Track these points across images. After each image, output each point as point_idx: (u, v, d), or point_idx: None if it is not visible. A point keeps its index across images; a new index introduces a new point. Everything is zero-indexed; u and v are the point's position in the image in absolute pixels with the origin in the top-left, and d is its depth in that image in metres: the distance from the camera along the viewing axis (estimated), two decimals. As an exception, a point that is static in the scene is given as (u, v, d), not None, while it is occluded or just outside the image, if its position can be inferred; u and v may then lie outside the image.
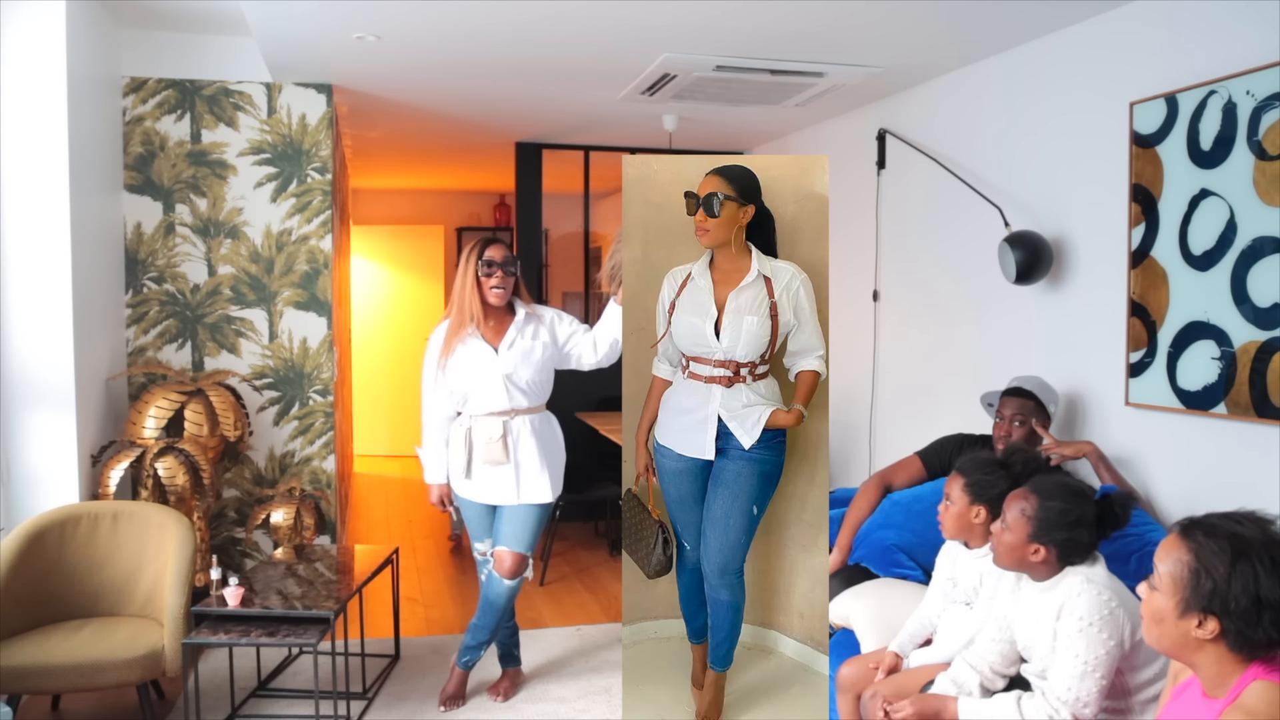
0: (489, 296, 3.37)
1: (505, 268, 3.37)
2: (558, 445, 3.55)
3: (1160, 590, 1.60)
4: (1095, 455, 3.07)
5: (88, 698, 3.50)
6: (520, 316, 3.43)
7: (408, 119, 5.39)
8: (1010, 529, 2.20)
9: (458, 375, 3.38)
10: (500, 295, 3.37)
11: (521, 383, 3.39)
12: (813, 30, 3.58)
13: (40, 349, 3.52)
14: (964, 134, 4.09)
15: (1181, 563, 1.57)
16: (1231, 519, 1.59)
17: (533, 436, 3.42)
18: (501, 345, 3.38)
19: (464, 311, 3.37)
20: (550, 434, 3.52)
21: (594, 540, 6.01)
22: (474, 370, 3.37)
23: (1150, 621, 1.63)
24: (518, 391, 3.39)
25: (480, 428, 3.38)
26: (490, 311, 3.41)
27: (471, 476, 3.43)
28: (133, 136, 4.33)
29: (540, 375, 3.43)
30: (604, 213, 8.17)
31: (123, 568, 3.33)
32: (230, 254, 4.47)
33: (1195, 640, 1.57)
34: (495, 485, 3.41)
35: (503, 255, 3.38)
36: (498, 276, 3.36)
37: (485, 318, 3.39)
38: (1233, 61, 2.81)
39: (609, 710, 3.48)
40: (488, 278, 3.36)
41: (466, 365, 3.37)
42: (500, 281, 3.36)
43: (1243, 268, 2.77)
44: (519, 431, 3.40)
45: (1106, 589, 2.10)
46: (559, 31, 3.64)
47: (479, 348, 3.37)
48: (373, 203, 9.11)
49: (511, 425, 3.39)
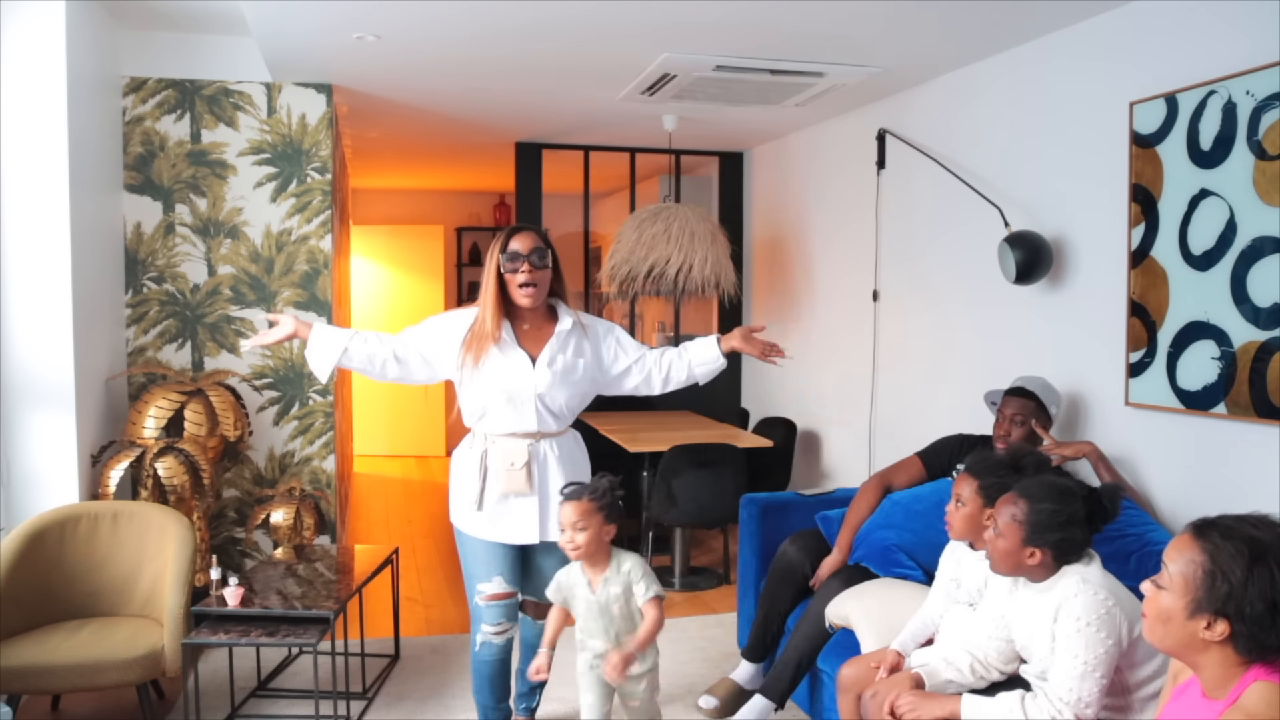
0: (518, 297, 2.80)
1: (533, 259, 2.77)
2: (586, 471, 3.03)
3: (1170, 590, 1.58)
4: (1095, 455, 3.07)
5: (88, 698, 3.50)
6: (565, 326, 2.88)
7: (408, 119, 5.39)
8: (1003, 535, 2.19)
9: (484, 386, 2.81)
10: (532, 295, 2.79)
11: (555, 406, 2.86)
12: (813, 30, 3.58)
13: (40, 349, 3.52)
14: (964, 134, 4.09)
15: (1195, 563, 1.55)
16: (1247, 522, 1.57)
17: (560, 464, 2.89)
18: (540, 359, 2.83)
19: (485, 320, 2.81)
20: (579, 459, 3.00)
21: (594, 540, 6.00)
22: (505, 382, 2.81)
23: (1155, 620, 1.61)
24: (549, 414, 2.86)
25: (500, 451, 2.83)
26: (524, 315, 2.87)
27: (484, 509, 2.85)
28: (133, 136, 4.33)
29: (578, 399, 2.93)
30: (604, 213, 8.17)
31: (123, 568, 3.33)
32: (230, 254, 4.47)
33: (1201, 641, 1.55)
34: (516, 521, 2.87)
35: (531, 244, 2.78)
36: (525, 271, 2.77)
37: (519, 321, 2.87)
38: (1233, 61, 2.81)
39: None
40: (513, 274, 2.78)
41: (498, 375, 2.80)
42: (530, 277, 2.77)
43: (1243, 268, 2.77)
44: (545, 457, 2.87)
45: (1103, 588, 2.10)
46: (559, 31, 3.64)
47: (517, 358, 2.82)
48: (373, 203, 9.11)
49: (538, 450, 2.85)
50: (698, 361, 2.97)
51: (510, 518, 2.86)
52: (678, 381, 2.98)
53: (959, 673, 2.36)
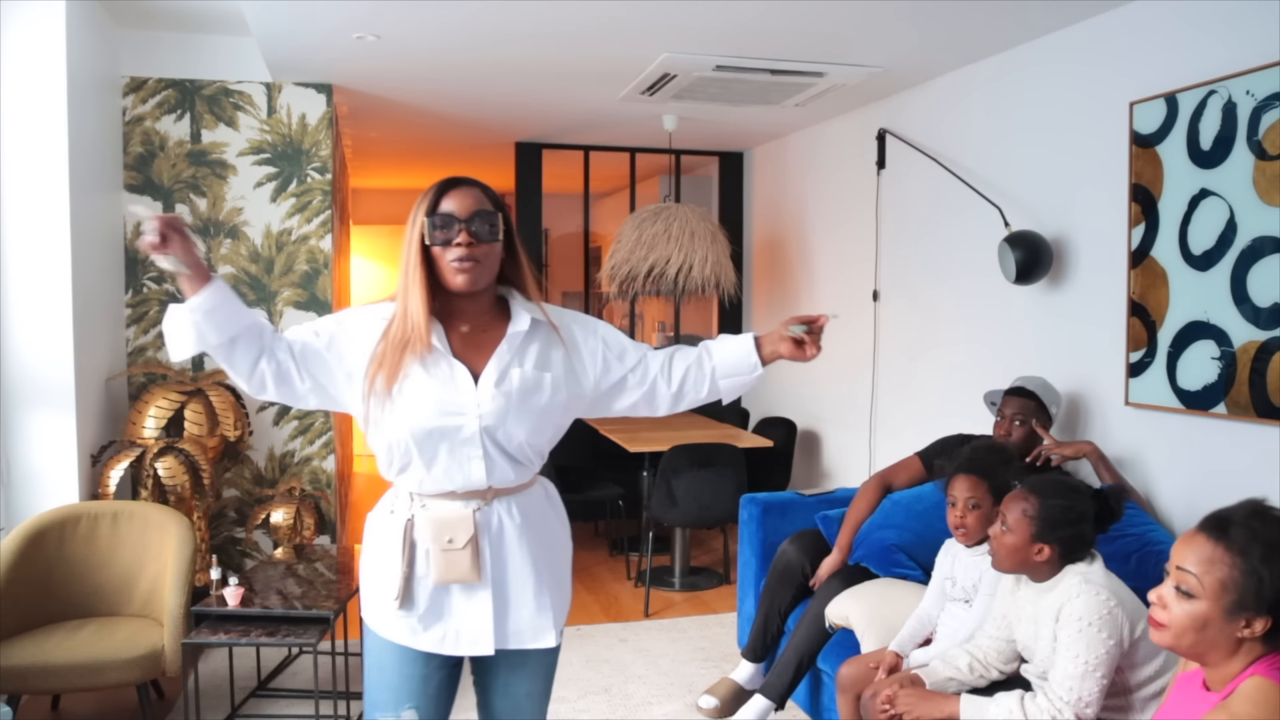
0: (450, 279, 1.82)
1: (475, 227, 1.79)
2: (563, 539, 2.06)
3: (1203, 597, 1.55)
4: (1095, 455, 3.07)
5: (88, 698, 3.50)
6: (521, 325, 1.88)
7: (408, 119, 5.39)
8: (1012, 530, 2.20)
9: (403, 420, 1.80)
10: (471, 272, 1.80)
11: (512, 445, 1.86)
12: (813, 30, 3.58)
13: (40, 349, 3.52)
14: (964, 134, 4.09)
15: (1228, 565, 1.53)
16: (1256, 516, 1.56)
17: (523, 535, 1.91)
18: (485, 375, 1.84)
19: (405, 319, 1.82)
20: (554, 526, 2.03)
21: (594, 540, 6.01)
22: (433, 412, 1.80)
23: (1187, 629, 1.56)
24: (503, 459, 1.86)
25: (431, 522, 1.85)
26: (462, 311, 1.88)
27: (414, 605, 1.87)
28: (133, 136, 4.33)
29: (546, 433, 1.93)
30: (604, 213, 8.17)
31: (123, 568, 3.33)
32: (230, 254, 4.47)
33: (1236, 640, 1.55)
34: (458, 623, 1.88)
35: (473, 205, 1.80)
36: (463, 243, 1.78)
37: (454, 319, 1.87)
38: (1233, 61, 2.81)
39: (609, 710, 3.48)
40: (444, 247, 1.80)
41: (422, 403, 1.80)
42: (467, 250, 1.78)
43: (1242, 268, 2.77)
44: (500, 527, 1.89)
45: (1104, 589, 2.10)
46: (559, 31, 3.64)
47: (450, 375, 1.82)
48: (373, 203, 9.11)
49: (488, 518, 1.88)
50: (725, 370, 1.99)
51: (450, 619, 1.88)
52: (693, 398, 2.02)
53: (958, 670, 2.36)
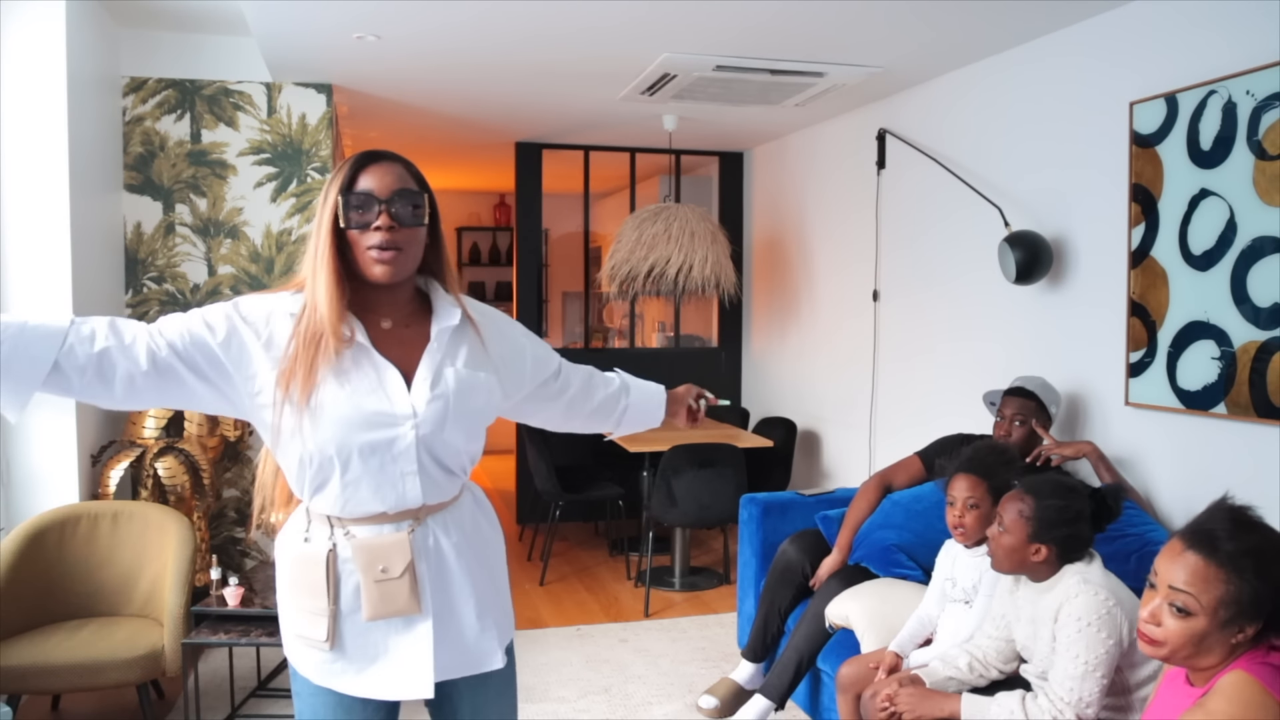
0: (368, 268, 1.59)
1: (396, 209, 1.59)
2: (497, 546, 1.81)
3: (1200, 614, 1.57)
4: (1095, 455, 3.07)
5: (88, 698, 3.50)
6: (451, 320, 1.68)
7: (408, 119, 5.39)
8: (1009, 531, 2.20)
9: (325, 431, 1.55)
10: (390, 268, 1.59)
11: (448, 455, 1.64)
12: (813, 30, 3.58)
13: (40, 349, 3.52)
14: (964, 134, 4.09)
15: (1221, 581, 1.56)
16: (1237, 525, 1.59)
17: (460, 555, 1.68)
18: (419, 376, 1.62)
19: (316, 312, 1.56)
20: (489, 537, 1.78)
21: (594, 540, 6.01)
22: (358, 421, 1.56)
23: (1184, 644, 1.58)
24: (438, 471, 1.64)
25: (359, 550, 1.60)
26: (380, 304, 1.65)
27: (342, 646, 1.63)
28: (133, 136, 4.33)
29: (478, 440, 1.72)
30: (604, 213, 8.17)
31: (123, 568, 3.33)
32: (230, 254, 4.47)
33: (1230, 645, 1.58)
34: (397, 661, 1.64)
35: (394, 183, 1.61)
36: (383, 226, 1.57)
37: (372, 314, 1.64)
38: (1233, 61, 2.81)
39: (609, 710, 3.48)
40: (361, 231, 1.58)
41: (347, 410, 1.56)
42: (388, 236, 1.57)
43: (1243, 268, 2.77)
44: (437, 548, 1.65)
45: (1103, 588, 2.10)
46: (559, 31, 3.64)
47: (378, 376, 1.60)
48: (373, 203, 9.09)
49: (424, 540, 1.64)
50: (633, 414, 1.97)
51: (387, 657, 1.64)
52: (593, 426, 1.97)
53: (957, 670, 2.36)
